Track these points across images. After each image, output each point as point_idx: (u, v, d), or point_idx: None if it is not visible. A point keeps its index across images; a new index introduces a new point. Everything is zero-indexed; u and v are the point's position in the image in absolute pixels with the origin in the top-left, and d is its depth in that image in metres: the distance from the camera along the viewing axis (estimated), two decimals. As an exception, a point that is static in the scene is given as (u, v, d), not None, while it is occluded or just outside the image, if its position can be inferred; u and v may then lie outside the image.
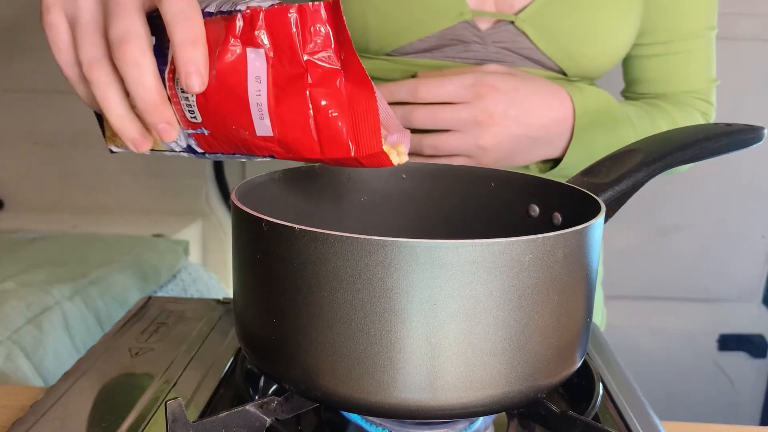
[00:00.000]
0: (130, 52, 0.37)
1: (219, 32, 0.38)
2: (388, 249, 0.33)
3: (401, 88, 0.62)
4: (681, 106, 0.74)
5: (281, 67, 0.38)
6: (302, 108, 0.39)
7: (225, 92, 0.39)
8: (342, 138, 0.39)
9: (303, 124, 0.39)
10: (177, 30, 0.37)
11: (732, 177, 1.56)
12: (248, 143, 0.41)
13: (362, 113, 0.39)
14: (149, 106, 0.39)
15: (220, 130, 0.41)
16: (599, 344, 0.59)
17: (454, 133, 0.62)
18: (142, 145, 0.42)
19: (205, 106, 0.40)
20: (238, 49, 0.38)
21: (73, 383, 0.48)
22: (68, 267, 1.18)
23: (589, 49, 0.68)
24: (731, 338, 1.69)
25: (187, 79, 0.37)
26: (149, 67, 0.38)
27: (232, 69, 0.38)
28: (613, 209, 0.47)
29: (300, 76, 0.38)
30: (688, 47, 0.73)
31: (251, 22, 0.37)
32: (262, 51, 0.38)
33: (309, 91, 0.38)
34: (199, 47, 0.37)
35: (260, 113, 0.39)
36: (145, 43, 0.38)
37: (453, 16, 0.66)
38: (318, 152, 0.40)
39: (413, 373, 0.35)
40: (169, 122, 0.40)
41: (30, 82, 1.63)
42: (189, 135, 0.43)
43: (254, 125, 0.40)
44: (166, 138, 0.40)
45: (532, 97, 0.63)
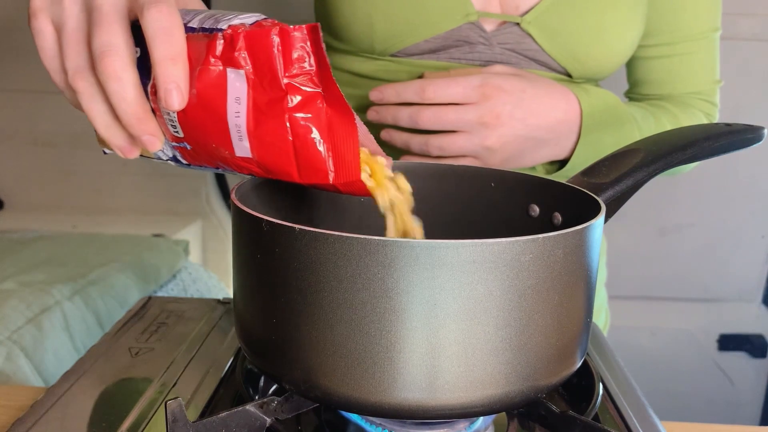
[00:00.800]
0: (111, 66, 0.37)
1: (200, 50, 0.37)
2: (388, 249, 0.33)
3: (408, 88, 0.62)
4: (685, 107, 0.74)
5: (261, 90, 0.37)
6: (281, 132, 0.38)
7: (205, 111, 0.38)
8: (321, 164, 0.39)
9: (282, 148, 0.39)
10: (157, 46, 0.36)
11: (732, 177, 1.56)
12: (228, 161, 0.41)
13: (341, 139, 0.39)
14: (131, 119, 0.38)
15: (201, 146, 0.40)
16: (599, 344, 0.59)
17: (460, 134, 0.62)
18: (130, 153, 0.41)
19: (186, 122, 0.39)
20: (218, 69, 0.37)
21: (73, 383, 0.48)
22: (68, 267, 1.18)
23: (595, 51, 0.68)
24: (731, 338, 1.69)
25: (167, 97, 0.36)
26: (130, 81, 0.37)
27: (212, 88, 0.37)
28: (613, 209, 0.47)
29: (280, 99, 0.37)
30: (691, 48, 0.73)
31: (231, 42, 0.37)
32: (242, 72, 0.37)
33: (288, 115, 0.38)
34: (179, 64, 0.37)
35: (239, 135, 0.38)
36: (127, 56, 0.37)
37: (458, 17, 0.66)
38: (296, 176, 0.40)
39: (413, 373, 0.35)
40: (153, 134, 0.39)
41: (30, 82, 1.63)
42: (173, 147, 0.42)
43: (233, 146, 0.39)
44: (151, 148, 0.40)
45: (538, 98, 0.63)
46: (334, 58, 0.74)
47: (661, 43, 0.73)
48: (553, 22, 0.66)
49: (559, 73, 0.69)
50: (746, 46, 1.48)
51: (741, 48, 1.47)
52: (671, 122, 0.72)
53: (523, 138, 0.62)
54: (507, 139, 0.62)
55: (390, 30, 0.66)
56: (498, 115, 0.61)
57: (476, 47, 0.67)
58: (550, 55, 0.68)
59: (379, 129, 0.66)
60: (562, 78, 0.69)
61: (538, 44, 0.67)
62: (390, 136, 0.65)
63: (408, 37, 0.67)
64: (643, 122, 0.69)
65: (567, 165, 0.66)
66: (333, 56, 0.74)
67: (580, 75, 0.69)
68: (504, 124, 0.61)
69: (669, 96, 0.76)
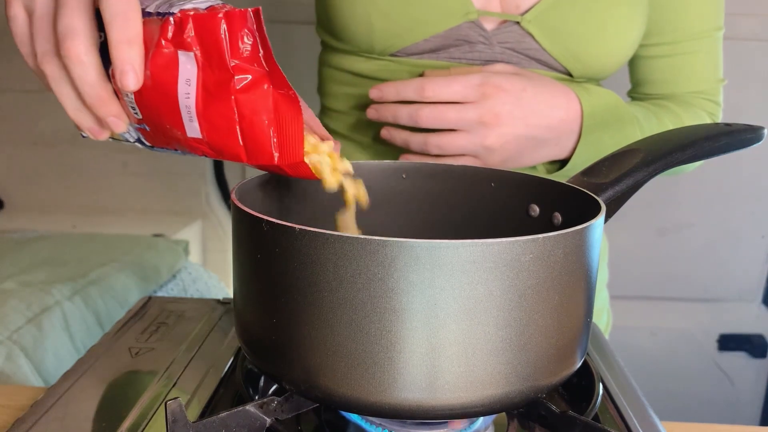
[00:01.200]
0: (73, 49, 0.38)
1: (154, 33, 0.39)
2: (388, 249, 0.33)
3: (408, 86, 0.62)
4: (688, 106, 0.74)
5: (210, 71, 0.38)
6: (228, 113, 0.39)
7: (158, 92, 0.39)
8: (266, 145, 0.40)
9: (229, 128, 0.40)
10: (114, 29, 0.38)
11: (732, 177, 1.56)
12: (182, 142, 0.42)
13: (287, 121, 0.40)
14: (94, 101, 0.40)
15: (158, 127, 0.42)
16: (599, 344, 0.59)
17: (460, 133, 0.61)
18: (99, 134, 0.43)
19: (143, 104, 0.40)
20: (170, 51, 0.38)
21: (73, 383, 0.48)
22: (68, 267, 1.18)
23: (596, 50, 0.67)
24: (731, 338, 1.69)
25: (122, 78, 0.38)
26: (92, 63, 0.39)
27: (164, 70, 0.39)
28: (613, 209, 0.47)
29: (227, 80, 0.38)
30: (694, 48, 0.73)
31: (181, 25, 0.38)
32: (192, 54, 0.38)
33: (235, 96, 0.39)
34: (134, 47, 0.38)
35: (189, 115, 0.40)
36: (88, 39, 0.39)
37: (458, 16, 0.66)
38: (244, 157, 0.41)
39: (413, 373, 0.35)
40: (117, 116, 0.41)
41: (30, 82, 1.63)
42: (137, 128, 0.43)
43: (185, 126, 0.40)
44: (116, 130, 0.42)
45: (539, 97, 0.62)
46: (334, 57, 0.74)
47: (664, 43, 0.73)
48: (554, 21, 0.66)
49: (560, 72, 0.69)
50: (746, 46, 1.48)
51: (741, 48, 1.48)
52: (674, 122, 0.71)
53: (523, 137, 0.62)
54: (507, 138, 0.61)
55: (389, 29, 0.66)
56: (498, 114, 0.61)
57: (476, 46, 0.67)
58: (550, 54, 0.68)
59: (379, 127, 0.66)
60: (563, 77, 0.69)
61: (538, 43, 0.67)
62: (390, 134, 0.65)
63: (408, 36, 0.67)
64: (645, 122, 0.69)
65: (568, 165, 0.66)
66: (333, 56, 0.74)
67: (581, 74, 0.69)
68: (504, 123, 0.61)
69: (672, 95, 0.75)
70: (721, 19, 0.74)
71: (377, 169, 0.53)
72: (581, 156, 0.65)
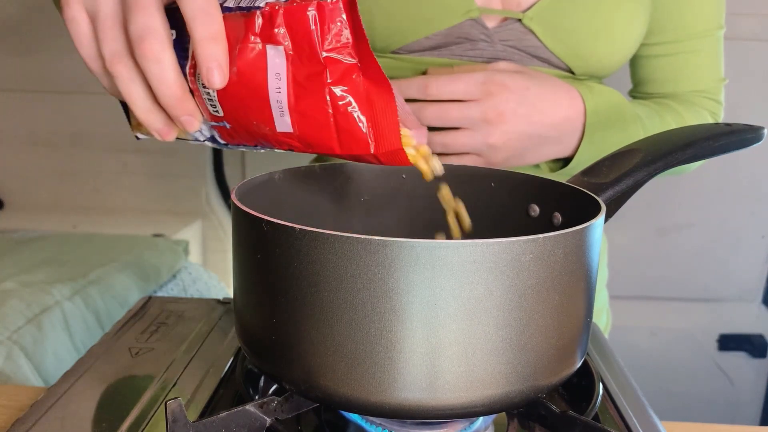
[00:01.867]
0: (149, 49, 0.38)
1: (239, 28, 0.38)
2: (388, 249, 0.33)
3: (411, 85, 0.62)
4: (689, 105, 0.74)
5: (300, 64, 0.38)
6: (321, 105, 0.39)
7: (245, 89, 0.39)
8: (361, 135, 0.40)
9: (323, 120, 0.39)
10: (197, 26, 0.37)
11: (732, 177, 1.56)
12: (268, 138, 0.41)
13: (381, 110, 0.39)
14: (171, 100, 0.39)
15: (242, 124, 0.41)
16: (599, 344, 0.59)
17: (463, 131, 0.61)
18: (168, 135, 0.43)
19: (226, 101, 0.40)
20: (258, 46, 0.38)
21: (73, 383, 0.48)
22: (68, 267, 1.18)
23: (598, 48, 0.67)
24: (731, 338, 1.69)
25: (209, 76, 0.38)
26: (169, 62, 0.38)
27: (252, 66, 0.38)
28: (613, 209, 0.47)
29: (319, 73, 0.38)
30: (696, 47, 0.73)
31: (270, 19, 0.37)
32: (281, 48, 0.38)
33: (328, 88, 0.38)
34: (219, 43, 0.38)
35: (280, 110, 0.39)
36: (165, 38, 0.38)
37: (460, 13, 0.66)
38: (337, 148, 0.40)
39: (413, 373, 0.35)
40: (192, 114, 0.41)
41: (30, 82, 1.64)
42: (212, 127, 0.43)
43: (275, 122, 0.40)
44: (190, 129, 0.41)
45: (542, 95, 0.62)
46: None
47: (666, 41, 0.73)
48: (556, 19, 0.66)
49: (562, 70, 0.69)
50: (746, 46, 1.48)
51: (741, 48, 1.48)
52: (676, 121, 0.71)
53: (527, 135, 0.62)
54: (510, 136, 0.61)
55: (391, 27, 0.66)
56: (501, 112, 0.61)
57: (478, 44, 0.67)
58: (552, 52, 0.67)
59: None
60: (565, 75, 0.69)
61: (540, 41, 0.67)
62: None
63: (409, 34, 0.67)
64: (648, 121, 0.69)
65: (571, 163, 0.66)
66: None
67: (583, 72, 0.69)
68: (507, 121, 0.61)
69: (673, 94, 0.75)
70: (722, 18, 0.74)
71: (377, 169, 0.53)
72: (584, 154, 0.65)
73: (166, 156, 1.72)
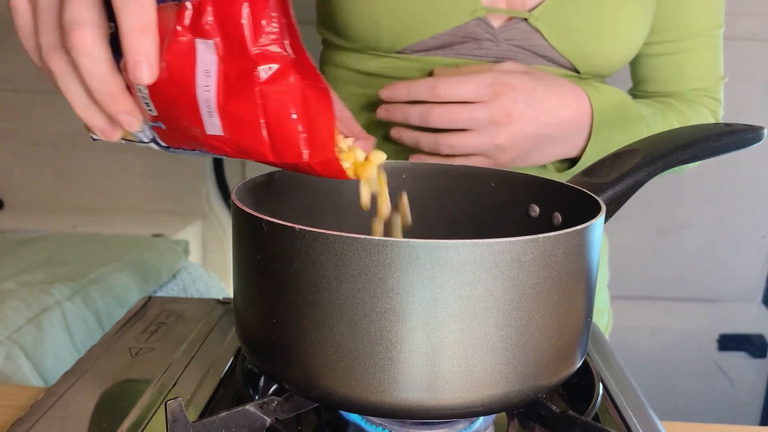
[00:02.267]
0: (79, 40, 0.35)
1: (170, 20, 0.35)
2: (388, 249, 0.33)
3: (419, 86, 0.61)
4: (690, 104, 0.74)
5: (231, 61, 0.35)
6: (252, 106, 0.36)
7: (175, 86, 0.36)
8: (294, 141, 0.37)
9: (253, 124, 0.36)
10: (126, 17, 0.34)
11: (732, 177, 1.56)
12: (200, 141, 0.38)
13: (316, 114, 0.36)
14: (104, 97, 0.37)
15: (175, 125, 0.38)
16: (599, 344, 0.59)
17: (471, 133, 0.61)
18: (111, 135, 0.40)
19: (158, 99, 0.37)
20: (187, 39, 0.35)
21: (73, 383, 0.48)
22: (68, 267, 1.18)
23: (603, 47, 0.67)
24: (731, 338, 1.69)
25: (135, 70, 0.35)
26: (101, 56, 0.36)
27: (181, 61, 0.35)
28: (613, 209, 0.47)
29: (250, 71, 0.35)
30: (696, 45, 0.73)
31: (199, 11, 0.34)
32: (211, 43, 0.35)
33: (259, 88, 0.35)
34: (148, 36, 0.35)
35: (209, 110, 0.36)
36: (97, 29, 0.35)
37: (465, 13, 0.66)
38: (270, 155, 0.37)
39: (413, 373, 0.35)
40: (129, 113, 0.38)
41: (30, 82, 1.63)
42: (152, 127, 0.40)
43: (204, 123, 0.37)
44: (129, 128, 0.38)
45: (549, 96, 0.62)
46: (337, 56, 0.74)
47: (667, 40, 0.73)
48: (561, 18, 0.66)
49: (567, 69, 0.69)
50: (746, 46, 1.48)
51: (741, 48, 1.48)
52: (679, 119, 0.71)
53: (534, 136, 0.62)
54: (517, 137, 0.61)
55: (396, 27, 0.66)
56: (509, 113, 0.60)
57: (483, 44, 0.67)
58: (557, 51, 0.67)
59: (387, 127, 0.66)
60: (570, 74, 0.69)
61: (545, 40, 0.67)
62: (399, 134, 0.65)
63: (414, 33, 0.66)
64: (652, 120, 0.69)
65: (578, 163, 0.66)
66: (336, 54, 0.74)
67: (588, 71, 0.69)
68: (515, 122, 0.61)
69: (674, 93, 0.75)
70: (722, 17, 0.74)
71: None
72: (591, 154, 0.65)
73: (166, 156, 1.71)
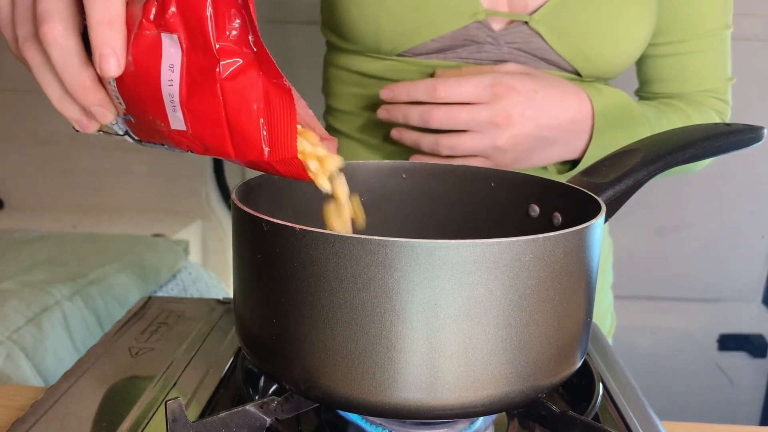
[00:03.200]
0: (50, 32, 0.35)
1: (137, 15, 0.35)
2: (388, 249, 0.33)
3: (419, 87, 0.61)
4: (696, 105, 0.74)
5: (195, 56, 0.35)
6: (214, 102, 0.36)
7: (140, 80, 0.36)
8: (255, 138, 0.37)
9: (215, 120, 0.36)
10: (94, 10, 0.35)
11: (732, 177, 1.56)
12: (165, 135, 0.38)
13: (278, 111, 0.36)
14: (76, 89, 0.37)
15: (141, 119, 0.39)
16: (599, 344, 0.59)
17: (471, 134, 0.61)
18: (87, 126, 0.40)
19: (125, 92, 0.37)
20: (152, 33, 0.35)
21: (73, 383, 0.48)
22: (68, 267, 1.18)
23: (605, 50, 0.67)
24: (731, 338, 1.69)
25: (102, 62, 0.35)
26: (71, 48, 0.36)
27: (146, 55, 0.35)
28: (613, 209, 0.47)
29: (212, 66, 0.35)
30: (703, 46, 0.73)
31: (165, 4, 0.34)
32: (176, 37, 0.35)
33: (220, 83, 0.35)
34: (116, 29, 0.35)
35: (173, 105, 0.36)
36: (68, 21, 0.36)
37: (466, 16, 0.66)
38: (232, 152, 0.37)
39: (413, 373, 0.35)
40: (102, 105, 0.38)
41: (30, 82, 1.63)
42: (123, 120, 0.40)
43: (168, 118, 0.37)
44: (103, 120, 0.39)
45: (550, 97, 0.62)
46: (340, 57, 0.74)
47: (673, 41, 0.72)
48: (562, 21, 0.66)
49: (569, 72, 0.69)
50: (746, 46, 1.48)
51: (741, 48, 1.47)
52: (683, 121, 0.71)
53: (534, 138, 0.62)
54: (518, 139, 0.61)
55: (397, 29, 0.66)
56: (509, 115, 0.60)
57: (484, 47, 0.67)
58: (559, 54, 0.67)
59: (388, 127, 0.66)
60: (572, 77, 0.69)
61: (546, 43, 0.67)
62: (400, 135, 0.65)
63: (415, 36, 0.66)
64: (655, 121, 0.69)
65: (579, 165, 0.66)
66: (339, 56, 0.74)
67: (590, 74, 0.69)
68: (515, 123, 0.61)
69: (681, 94, 0.75)
70: (730, 18, 0.73)
71: (377, 169, 0.53)
72: (592, 156, 0.65)
73: (166, 156, 1.72)
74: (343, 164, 0.43)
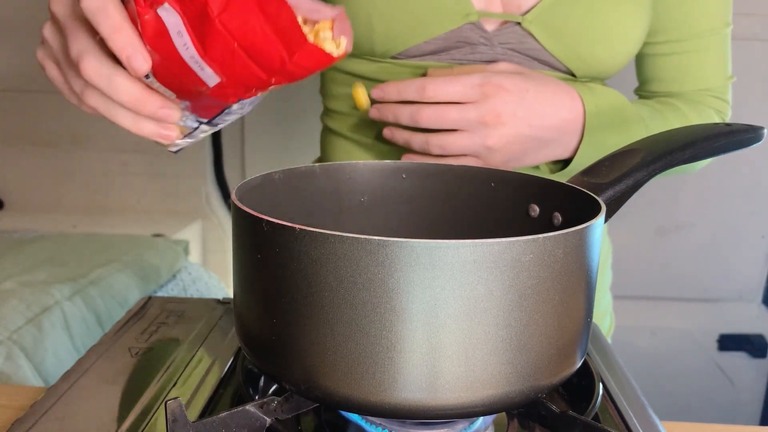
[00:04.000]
0: (87, 68, 0.39)
1: (133, 7, 0.38)
2: (388, 249, 0.33)
3: (409, 86, 0.61)
4: (695, 104, 0.73)
5: (189, 11, 0.37)
6: (223, 40, 0.38)
7: (166, 60, 0.38)
8: (270, 50, 0.38)
9: (233, 54, 0.38)
10: (99, 26, 0.38)
11: (732, 177, 1.56)
12: (213, 98, 0.40)
13: (276, 17, 0.38)
14: (135, 104, 0.40)
15: (192, 97, 0.41)
16: (599, 344, 0.59)
17: (461, 133, 0.61)
18: (169, 136, 0.43)
19: (166, 80, 0.39)
20: (151, 15, 0.37)
21: (73, 383, 0.48)
22: (68, 267, 1.18)
23: (598, 50, 0.67)
24: (731, 338, 1.69)
25: (131, 63, 0.38)
26: (111, 72, 0.39)
27: (156, 35, 0.38)
28: (613, 209, 0.47)
29: (203, 9, 0.37)
30: (702, 45, 0.72)
31: None
32: (167, 5, 0.37)
33: (219, 20, 0.37)
34: (124, 32, 0.38)
35: (198, 65, 0.38)
36: (98, 52, 0.39)
37: (459, 17, 0.65)
38: (263, 75, 0.39)
39: (413, 373, 0.35)
40: (165, 106, 0.41)
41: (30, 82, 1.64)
42: (187, 109, 0.43)
43: (203, 79, 0.39)
44: (172, 119, 0.41)
45: (541, 97, 0.62)
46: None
47: (672, 40, 0.72)
48: (555, 21, 0.66)
49: (563, 72, 0.69)
50: (746, 46, 1.48)
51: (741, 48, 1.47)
52: (680, 121, 0.70)
53: (525, 138, 0.62)
54: (508, 138, 0.61)
55: (390, 32, 0.66)
56: (499, 114, 0.60)
57: (477, 48, 0.67)
58: (552, 55, 0.67)
59: (381, 127, 0.66)
60: (566, 77, 0.69)
61: (540, 44, 0.67)
62: (391, 134, 0.65)
63: (408, 38, 0.66)
64: (651, 121, 0.68)
65: (570, 165, 0.66)
66: (333, 58, 0.74)
67: (584, 74, 0.69)
68: (505, 123, 0.61)
69: (680, 93, 0.74)
70: (729, 16, 0.73)
71: (377, 169, 0.53)
72: (584, 156, 0.65)
73: (166, 156, 1.72)
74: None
